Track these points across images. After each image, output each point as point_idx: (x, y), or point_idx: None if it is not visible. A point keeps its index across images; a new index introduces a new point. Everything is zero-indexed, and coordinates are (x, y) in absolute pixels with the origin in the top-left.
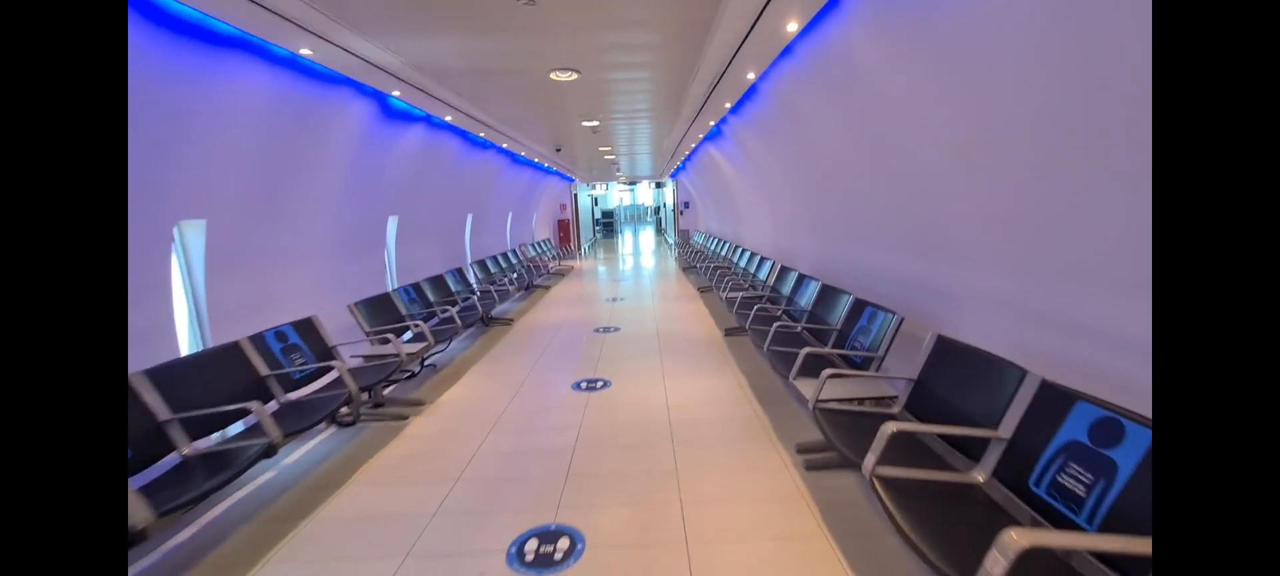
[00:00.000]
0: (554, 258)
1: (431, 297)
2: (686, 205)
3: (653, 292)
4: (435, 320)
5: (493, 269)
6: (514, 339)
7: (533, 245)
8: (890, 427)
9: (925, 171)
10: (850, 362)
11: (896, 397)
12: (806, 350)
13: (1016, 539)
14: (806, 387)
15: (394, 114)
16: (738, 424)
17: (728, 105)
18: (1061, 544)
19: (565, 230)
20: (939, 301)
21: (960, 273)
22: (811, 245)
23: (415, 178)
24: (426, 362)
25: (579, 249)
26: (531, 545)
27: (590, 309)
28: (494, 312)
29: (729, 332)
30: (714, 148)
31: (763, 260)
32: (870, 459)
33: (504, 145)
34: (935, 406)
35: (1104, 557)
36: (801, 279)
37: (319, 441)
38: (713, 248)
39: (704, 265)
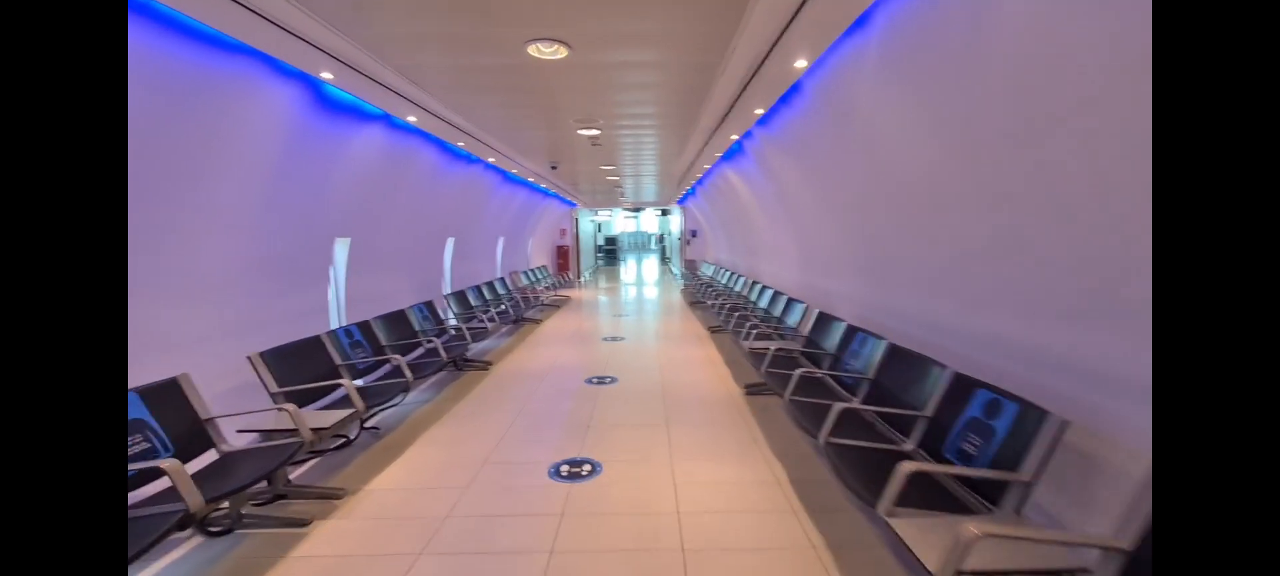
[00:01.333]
0: (550, 287)
1: (384, 339)
2: (694, 234)
3: (656, 331)
4: (383, 370)
5: (474, 301)
6: (488, 390)
7: (526, 273)
8: None
9: (1090, 184)
10: (967, 482)
11: None
12: (909, 467)
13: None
14: (918, 531)
15: (335, 106)
16: (782, 555)
17: (758, 111)
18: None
19: (564, 257)
20: (1095, 390)
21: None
22: (860, 290)
23: (374, 192)
24: (368, 424)
25: (579, 277)
26: None
27: (585, 350)
28: (470, 354)
29: (752, 390)
30: (732, 169)
31: (790, 301)
32: None
33: (491, 160)
34: None
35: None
36: (855, 333)
37: (164, 567)
38: (724, 281)
39: (714, 300)
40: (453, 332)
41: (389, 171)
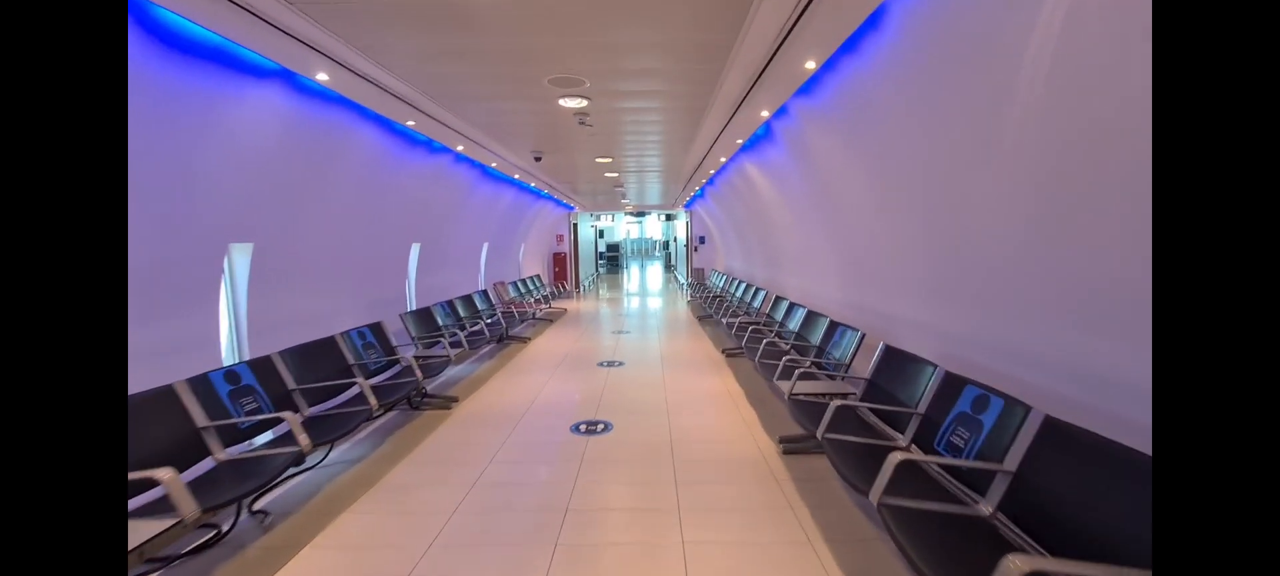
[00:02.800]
0: (543, 298)
1: (293, 381)
2: (702, 240)
3: (662, 352)
4: (276, 431)
5: (443, 319)
6: (441, 444)
7: (516, 284)
8: None
9: None
10: None
11: None
12: None
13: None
14: None
15: (196, 50)
16: None
17: (810, 66)
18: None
19: (561, 265)
20: None
21: None
22: (954, 319)
23: (286, 179)
24: (256, 505)
25: (578, 286)
26: None
27: (576, 380)
28: (433, 387)
29: (790, 447)
30: (754, 161)
31: (836, 326)
32: None
33: (460, 149)
34: None
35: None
36: (962, 387)
37: None
38: (737, 294)
39: (726, 315)
40: (400, 367)
41: (306, 152)
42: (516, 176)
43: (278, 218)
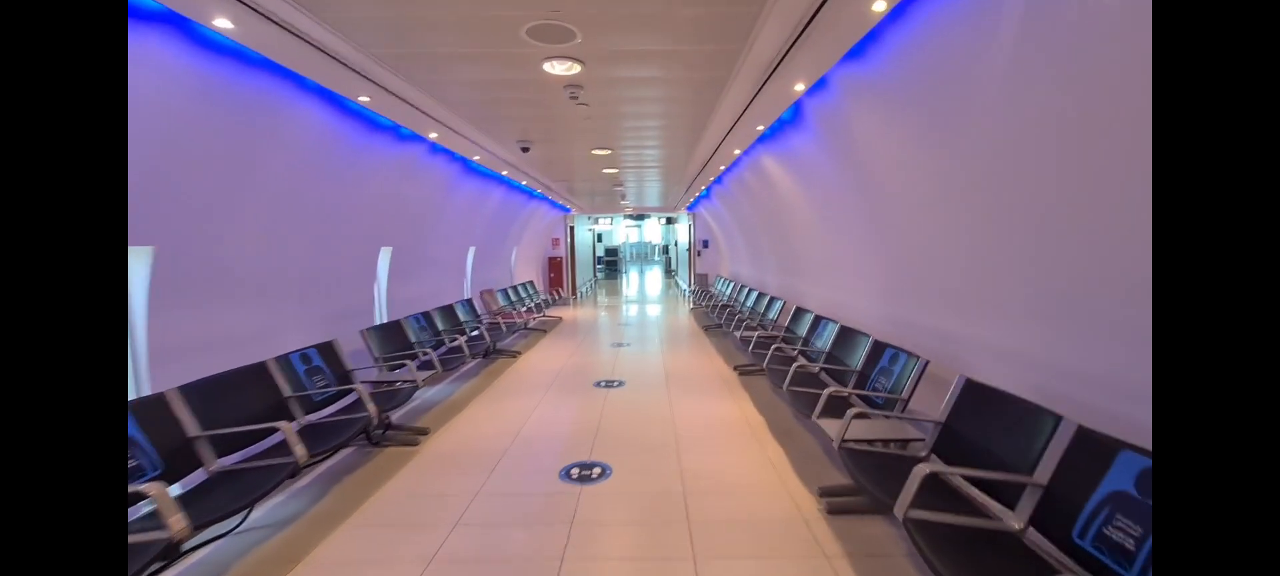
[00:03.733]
0: (537, 307)
1: (194, 426)
2: (706, 244)
3: (667, 369)
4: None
5: (416, 335)
6: (396, 498)
7: (506, 291)
8: None
9: None
10: None
11: None
12: None
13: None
14: None
15: None
16: None
17: (879, 6)
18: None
19: (557, 270)
20: None
21: None
22: (1067, 352)
23: (195, 168)
24: None
25: (575, 293)
26: None
27: (568, 405)
28: (398, 418)
29: (834, 504)
30: (773, 152)
31: (885, 349)
32: None
33: (433, 137)
34: None
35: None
36: (1127, 462)
37: None
38: (747, 302)
39: (738, 328)
40: (354, 397)
41: (225, 130)
42: (505, 172)
43: (189, 214)
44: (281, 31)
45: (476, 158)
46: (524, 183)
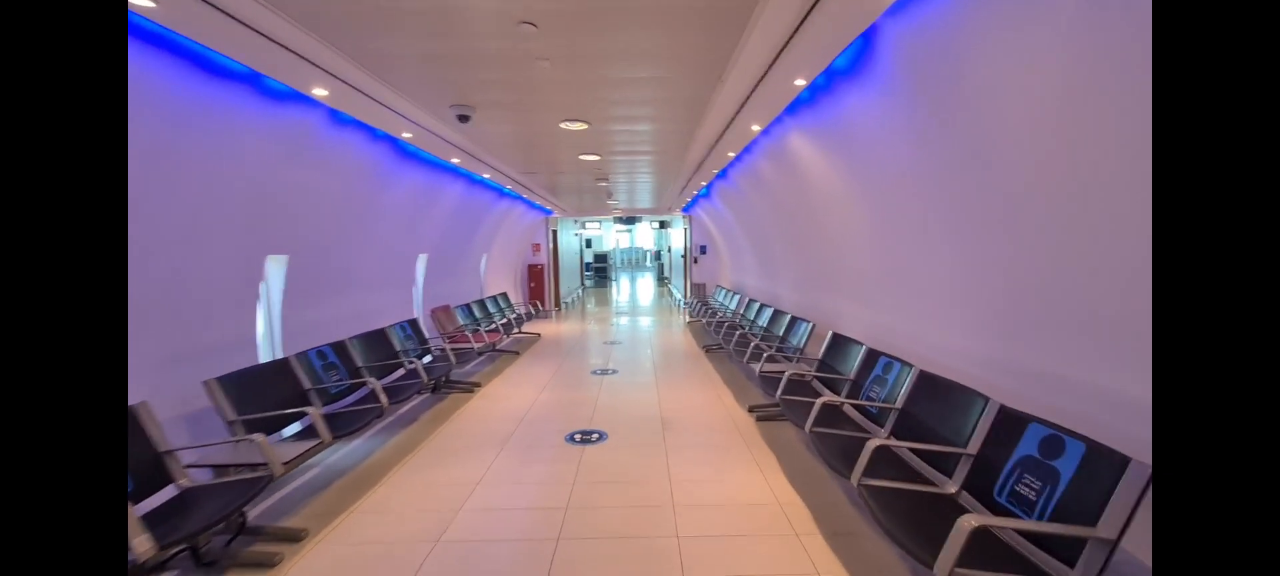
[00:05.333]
0: (508, 323)
1: None
2: (703, 250)
3: (663, 413)
4: None
5: (311, 378)
6: None
7: (469, 308)
8: None
9: None
10: None
11: None
12: None
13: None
14: None
15: None
16: None
17: None
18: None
19: (537, 278)
20: None
21: None
22: None
23: None
24: None
25: (558, 304)
26: None
27: (527, 480)
28: (256, 516)
29: None
30: (803, 127)
31: (1029, 425)
32: None
33: (319, 95)
34: None
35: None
36: None
37: None
38: (757, 320)
39: (755, 359)
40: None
41: None
42: (456, 161)
43: None
44: None
45: (407, 136)
46: (488, 176)
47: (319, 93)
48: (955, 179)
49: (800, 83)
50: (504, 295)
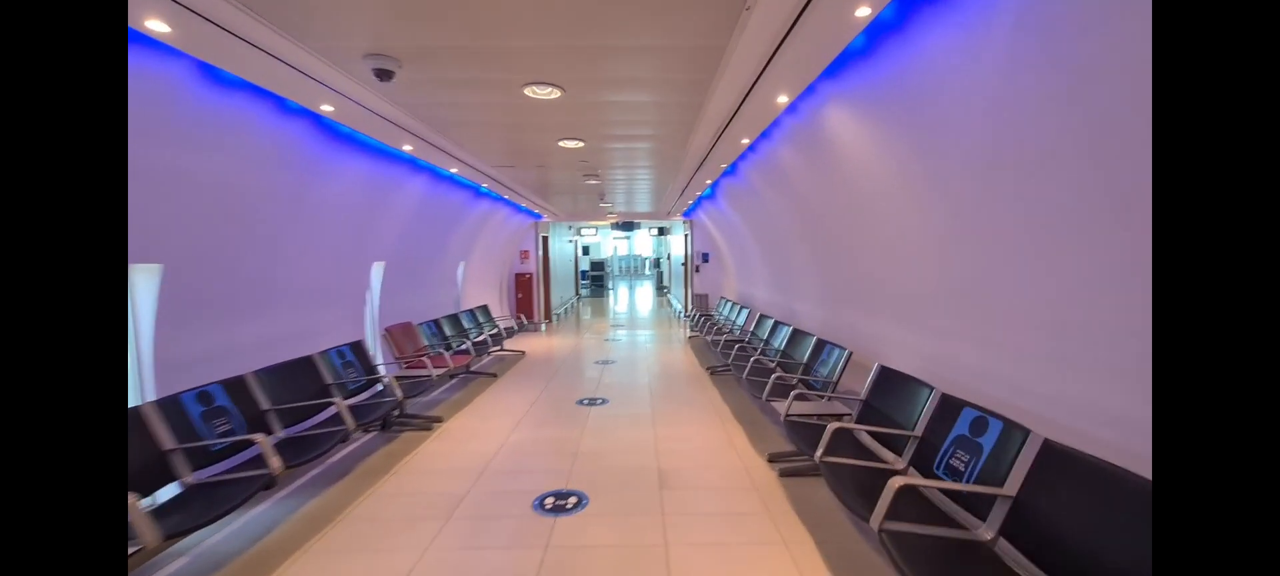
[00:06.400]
0: (476, 345)
1: None
2: (706, 258)
3: (661, 462)
4: None
5: (179, 437)
6: None
7: (435, 325)
8: None
9: None
10: None
11: None
12: None
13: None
14: None
15: None
16: None
17: None
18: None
19: (526, 289)
20: None
21: None
22: None
23: None
24: None
25: (549, 316)
26: None
27: (479, 556)
28: None
29: None
30: (847, 92)
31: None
32: None
33: (153, 29)
34: None
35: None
36: None
37: None
38: (771, 340)
39: (770, 386)
40: None
41: None
42: (409, 149)
43: None
44: None
45: (326, 109)
46: (455, 171)
47: (153, 25)
48: (1115, 159)
49: (865, 11)
50: (483, 308)
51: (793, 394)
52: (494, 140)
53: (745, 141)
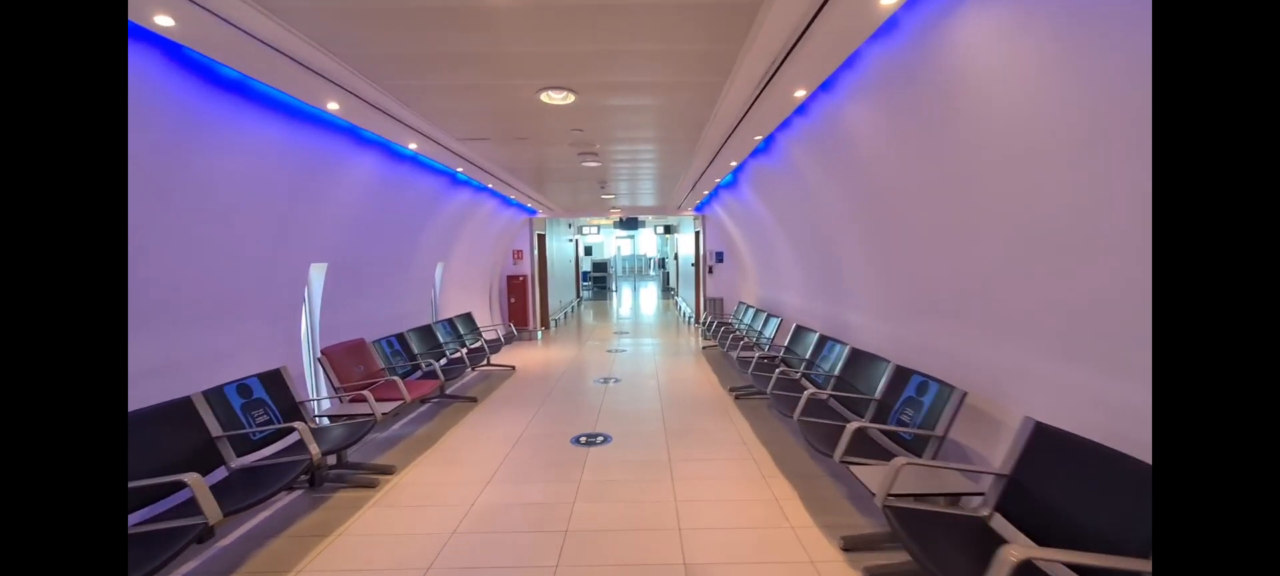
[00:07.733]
0: (468, 351)
1: None
2: (720, 258)
3: (687, 556)
4: None
5: None
6: None
7: (395, 342)
8: None
9: None
10: None
11: None
12: None
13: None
14: None
15: None
16: None
17: None
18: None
19: (519, 293)
20: None
21: None
22: None
23: None
24: None
25: (546, 323)
26: None
27: None
28: None
29: None
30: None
31: None
32: None
33: None
34: None
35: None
36: None
37: None
38: (816, 359)
39: (847, 443)
40: None
41: None
42: (335, 108)
43: None
44: None
45: (163, 24)
46: (414, 147)
47: None
48: None
49: None
50: (466, 317)
51: (897, 466)
52: (458, 100)
53: (802, 93)
